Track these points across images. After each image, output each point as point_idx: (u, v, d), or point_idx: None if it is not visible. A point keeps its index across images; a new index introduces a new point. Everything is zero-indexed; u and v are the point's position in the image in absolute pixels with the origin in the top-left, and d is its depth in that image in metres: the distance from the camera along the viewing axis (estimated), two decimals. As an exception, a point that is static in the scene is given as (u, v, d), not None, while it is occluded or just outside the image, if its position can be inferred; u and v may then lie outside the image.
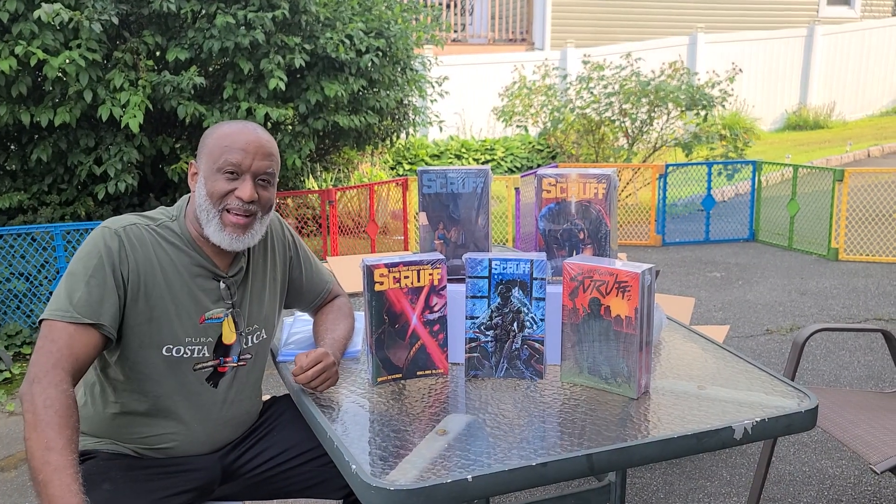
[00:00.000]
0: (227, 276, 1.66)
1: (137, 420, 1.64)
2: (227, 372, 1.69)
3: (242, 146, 1.59)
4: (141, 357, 1.60)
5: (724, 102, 7.59)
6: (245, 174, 1.60)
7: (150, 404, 1.63)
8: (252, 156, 1.60)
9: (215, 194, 1.60)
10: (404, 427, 1.46)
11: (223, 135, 1.61)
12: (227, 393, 1.69)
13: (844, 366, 3.80)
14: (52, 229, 4.17)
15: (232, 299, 1.67)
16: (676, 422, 1.45)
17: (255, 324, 1.73)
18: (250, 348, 1.72)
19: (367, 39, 5.00)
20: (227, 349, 1.68)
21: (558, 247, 1.83)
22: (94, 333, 1.51)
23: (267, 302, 1.76)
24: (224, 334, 1.67)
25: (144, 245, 1.59)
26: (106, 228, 1.59)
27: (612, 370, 1.59)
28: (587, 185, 1.78)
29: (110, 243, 1.56)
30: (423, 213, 1.86)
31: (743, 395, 1.56)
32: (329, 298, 1.95)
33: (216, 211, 1.61)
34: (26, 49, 3.89)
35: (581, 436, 1.41)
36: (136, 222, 1.61)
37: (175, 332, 1.61)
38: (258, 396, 1.81)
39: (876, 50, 13.94)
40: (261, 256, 1.76)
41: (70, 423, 1.41)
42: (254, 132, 1.62)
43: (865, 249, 5.97)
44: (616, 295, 1.55)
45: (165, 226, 1.64)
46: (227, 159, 1.58)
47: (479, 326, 1.67)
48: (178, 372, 1.63)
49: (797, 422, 1.48)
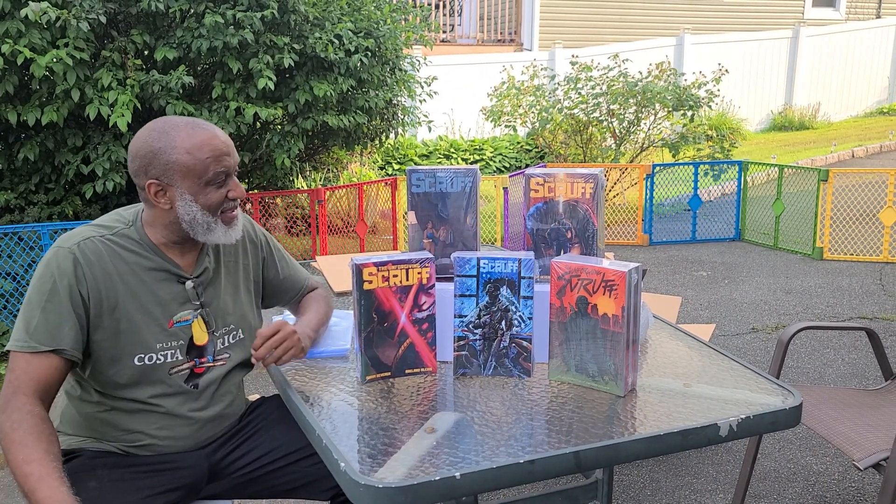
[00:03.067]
0: (192, 277, 1.66)
1: (121, 419, 1.64)
2: (204, 372, 1.68)
3: (220, 151, 1.58)
4: (114, 370, 1.59)
5: (711, 103, 7.64)
6: (231, 175, 1.62)
7: (131, 406, 1.63)
8: (229, 156, 1.61)
9: (213, 206, 1.60)
10: (393, 425, 1.47)
11: (195, 147, 1.56)
12: (208, 392, 1.69)
13: (828, 363, 3.84)
14: (39, 229, 4.15)
15: (200, 299, 1.67)
16: (663, 419, 1.47)
17: (230, 324, 1.73)
18: (227, 348, 1.72)
19: (357, 39, 5.00)
20: (200, 350, 1.67)
21: (546, 246, 1.84)
22: (54, 359, 1.50)
23: (242, 302, 1.76)
24: (195, 335, 1.66)
25: (102, 259, 1.57)
26: (59, 249, 1.55)
27: (600, 368, 1.61)
28: (575, 185, 1.80)
29: (64, 264, 1.53)
30: (412, 212, 1.87)
31: (728, 393, 1.58)
32: (306, 292, 1.96)
33: (216, 218, 1.61)
34: (13, 47, 3.87)
35: (568, 433, 1.42)
36: (91, 235, 1.58)
37: (145, 339, 1.60)
38: (241, 392, 1.82)
39: (860, 52, 14.08)
40: (232, 257, 1.76)
41: (43, 436, 1.42)
42: (215, 132, 1.60)
43: (849, 249, 6.03)
44: (603, 293, 1.57)
45: (122, 234, 1.61)
46: (216, 170, 1.58)
47: (468, 325, 1.68)
48: (154, 377, 1.62)
49: (782, 419, 1.50)
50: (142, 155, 1.57)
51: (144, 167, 1.57)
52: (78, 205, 4.77)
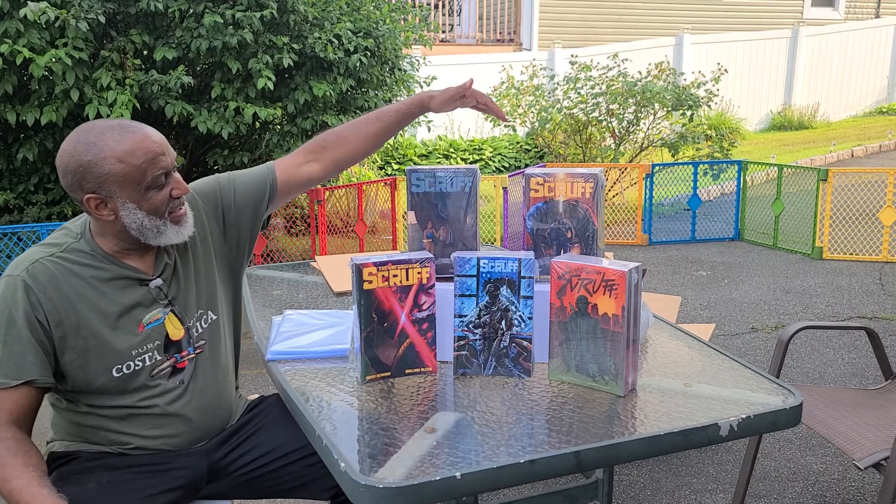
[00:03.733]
0: (154, 277, 1.62)
1: (111, 425, 1.62)
2: (186, 366, 1.67)
3: (154, 153, 1.52)
4: (93, 386, 1.58)
5: (710, 103, 7.65)
6: (171, 173, 1.57)
7: (119, 413, 1.62)
8: (165, 155, 1.54)
9: (160, 208, 1.55)
10: (393, 425, 1.47)
11: (126, 153, 1.48)
12: (193, 384, 1.67)
13: (829, 363, 3.84)
14: (38, 229, 4.15)
15: (168, 297, 1.64)
16: (663, 419, 1.47)
17: (199, 310, 1.69)
18: (201, 334, 1.70)
19: (356, 39, 5.00)
20: (178, 344, 1.65)
21: (546, 245, 1.84)
22: (25, 389, 1.49)
23: (204, 283, 1.71)
24: (170, 332, 1.63)
25: (54, 280, 1.51)
26: (8, 278, 1.51)
27: (600, 368, 1.61)
28: (575, 185, 1.79)
29: (16, 294, 1.49)
30: (411, 212, 1.87)
31: (728, 393, 1.58)
32: (300, 150, 1.87)
33: (164, 220, 1.57)
34: (12, 47, 3.86)
35: (569, 433, 1.42)
36: (39, 257, 1.53)
37: (118, 350, 1.57)
38: (228, 378, 1.78)
39: (859, 51, 14.08)
40: (198, 232, 1.70)
41: (20, 452, 1.42)
42: (145, 132, 1.52)
43: (849, 248, 6.04)
44: (603, 293, 1.57)
45: (72, 248, 1.56)
46: (154, 173, 1.52)
47: (468, 325, 1.68)
48: (137, 382, 1.60)
49: (782, 418, 1.50)
50: (72, 170, 1.49)
51: (78, 182, 1.49)
52: (76, 205, 4.77)
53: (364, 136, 1.90)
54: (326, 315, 2.04)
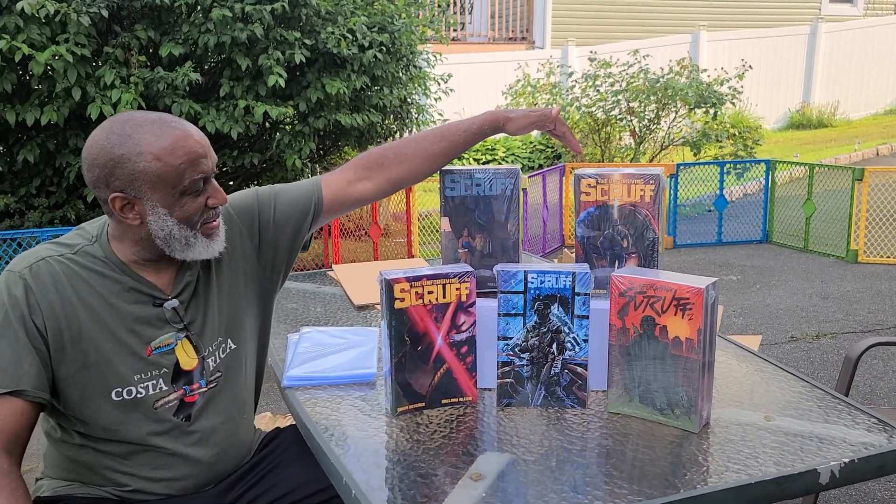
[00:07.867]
0: (170, 298, 1.41)
1: (110, 462, 1.41)
2: (197, 400, 1.45)
3: (196, 154, 1.33)
4: (88, 409, 1.37)
5: (735, 100, 7.41)
6: (209, 179, 1.38)
7: (118, 449, 1.40)
8: (207, 158, 1.35)
9: (192, 218, 1.36)
10: (432, 470, 1.25)
11: (166, 151, 1.31)
12: (205, 422, 1.45)
13: (879, 377, 3.60)
14: (38, 234, 3.96)
15: (183, 321, 1.43)
16: (749, 462, 1.25)
17: (218, 337, 1.48)
18: (218, 366, 1.48)
19: (371, 34, 4.79)
20: (189, 375, 1.43)
21: (598, 256, 1.62)
22: (16, 402, 1.28)
23: (227, 307, 1.50)
24: (181, 361, 1.42)
25: (59, 282, 1.34)
26: (9, 273, 1.33)
27: (669, 400, 1.38)
28: (632, 187, 1.57)
29: (15, 291, 1.31)
30: (445, 218, 1.65)
31: (820, 429, 1.35)
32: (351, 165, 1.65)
33: (195, 231, 1.37)
34: (10, 44, 3.68)
35: (635, 479, 1.20)
36: (47, 255, 1.35)
37: (120, 372, 1.37)
38: (245, 416, 1.55)
39: (879, 48, 13.76)
40: (226, 249, 1.48)
41: (5, 491, 1.22)
42: (187, 130, 1.35)
43: (886, 251, 5.75)
44: (675, 313, 1.35)
45: (84, 251, 1.37)
46: (192, 177, 1.33)
47: (513, 348, 1.46)
48: (138, 414, 1.39)
49: (890, 462, 1.27)
50: (101, 163, 1.31)
51: (105, 178, 1.31)
52: (81, 209, 4.57)
53: (427, 155, 1.66)
54: (348, 332, 1.83)
